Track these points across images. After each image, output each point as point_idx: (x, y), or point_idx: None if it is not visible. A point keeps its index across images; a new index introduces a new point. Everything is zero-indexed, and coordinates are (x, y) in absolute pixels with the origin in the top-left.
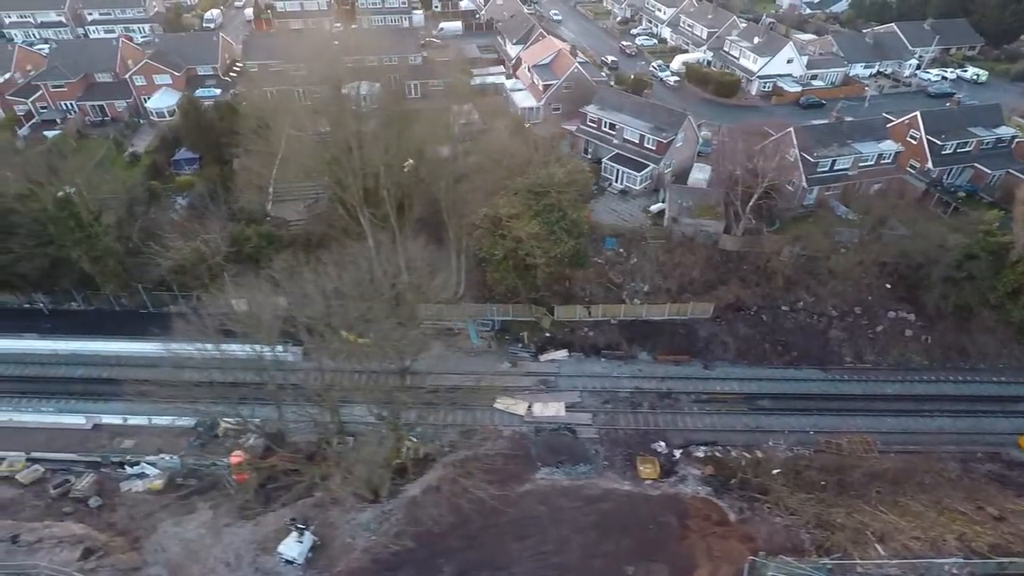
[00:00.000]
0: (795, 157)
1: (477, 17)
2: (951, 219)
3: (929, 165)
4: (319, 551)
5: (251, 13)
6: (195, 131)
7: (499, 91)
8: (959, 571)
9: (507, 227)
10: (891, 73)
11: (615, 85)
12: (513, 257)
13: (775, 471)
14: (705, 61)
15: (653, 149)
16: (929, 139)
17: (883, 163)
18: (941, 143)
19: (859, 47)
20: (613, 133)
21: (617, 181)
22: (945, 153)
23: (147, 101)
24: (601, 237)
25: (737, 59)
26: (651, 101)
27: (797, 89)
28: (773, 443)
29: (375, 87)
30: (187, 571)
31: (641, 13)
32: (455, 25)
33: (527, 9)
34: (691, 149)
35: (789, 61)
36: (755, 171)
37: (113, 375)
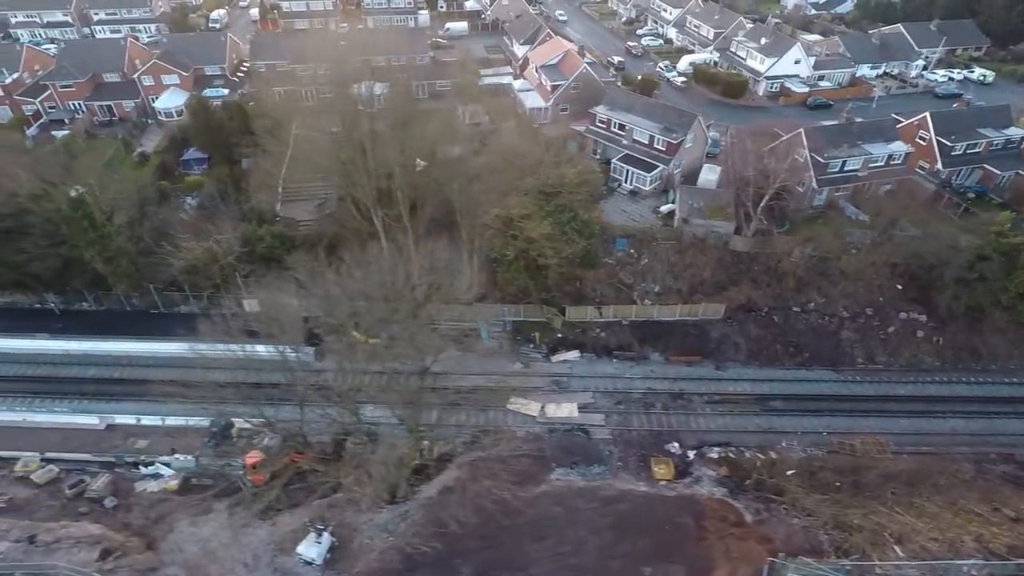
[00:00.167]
0: (805, 158)
1: (483, 17)
2: (961, 220)
3: (939, 166)
4: (337, 552)
5: (256, 13)
6: (204, 131)
7: (507, 92)
8: (978, 572)
9: (519, 227)
10: (898, 74)
11: (622, 86)
12: (525, 258)
13: (789, 472)
14: (712, 62)
15: (663, 150)
16: (939, 140)
17: (893, 164)
18: (951, 144)
19: (866, 48)
20: (622, 134)
21: (627, 182)
22: (955, 154)
23: (155, 101)
24: (612, 238)
25: (744, 60)
26: (660, 102)
27: (804, 90)
28: (786, 444)
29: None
30: (205, 571)
31: (646, 13)
32: (461, 25)
33: (532, 10)
34: (700, 150)
35: (796, 62)
36: (766, 172)
37: (125, 375)
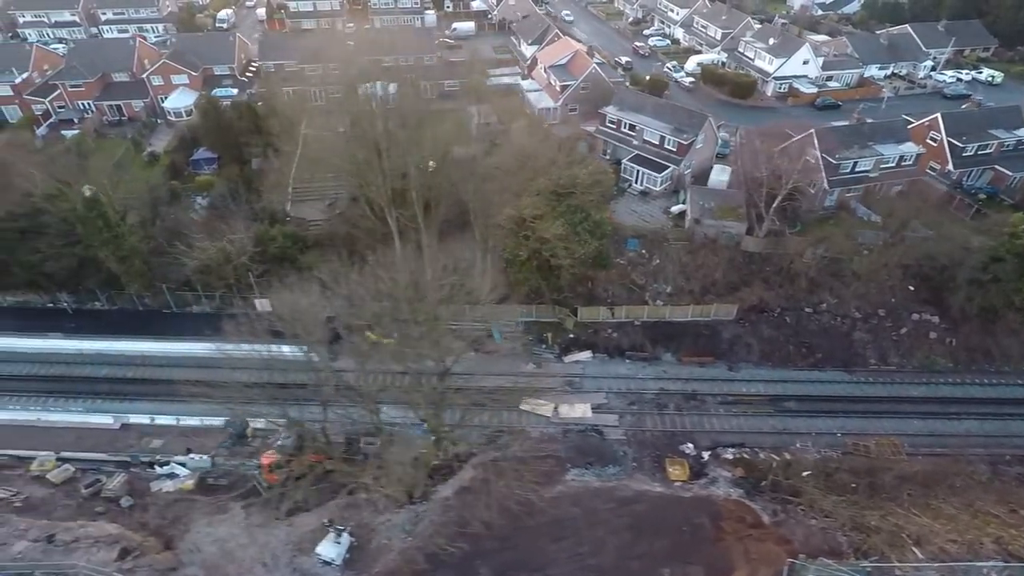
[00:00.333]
0: (817, 159)
1: (489, 17)
2: (973, 221)
3: (949, 167)
4: (356, 552)
5: (263, 13)
6: (214, 131)
7: (517, 92)
8: (999, 574)
9: (531, 228)
10: (906, 75)
11: (630, 86)
12: (537, 258)
13: (805, 473)
14: (719, 62)
15: (673, 150)
16: (950, 141)
17: (904, 165)
18: (962, 145)
19: (874, 48)
20: (633, 134)
21: (637, 182)
22: (966, 155)
23: (164, 101)
24: (623, 238)
25: (752, 60)
26: (671, 102)
27: (813, 90)
28: (801, 445)
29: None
30: (223, 571)
31: (653, 14)
32: (468, 25)
33: (539, 10)
34: (710, 150)
35: (805, 62)
36: (778, 173)
37: (139, 375)
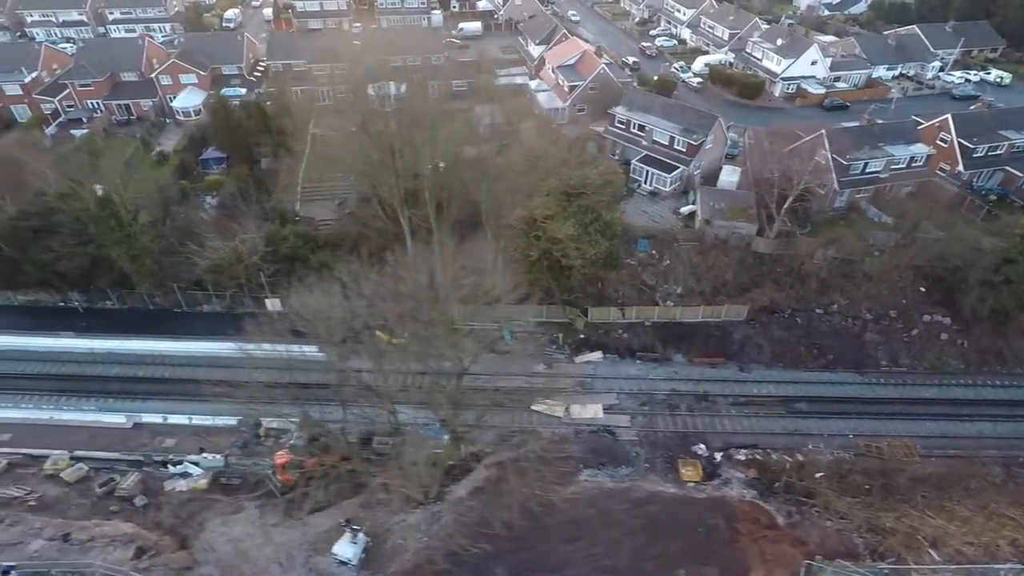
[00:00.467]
0: (827, 159)
1: (495, 17)
2: (984, 222)
3: (960, 168)
4: (371, 552)
5: (270, 13)
6: (224, 131)
7: (525, 92)
8: None
9: (542, 228)
10: (914, 75)
11: (638, 86)
12: (548, 258)
13: (818, 475)
14: (727, 62)
15: (683, 151)
16: (960, 142)
17: (915, 166)
18: (972, 146)
19: (881, 49)
20: (642, 135)
21: (646, 183)
22: (976, 156)
23: (173, 100)
24: (633, 239)
25: (760, 60)
26: (680, 103)
27: (821, 91)
28: (813, 446)
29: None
30: (238, 571)
31: (659, 14)
32: (475, 25)
33: (545, 10)
34: (720, 151)
35: (813, 63)
36: (788, 173)
37: (151, 374)
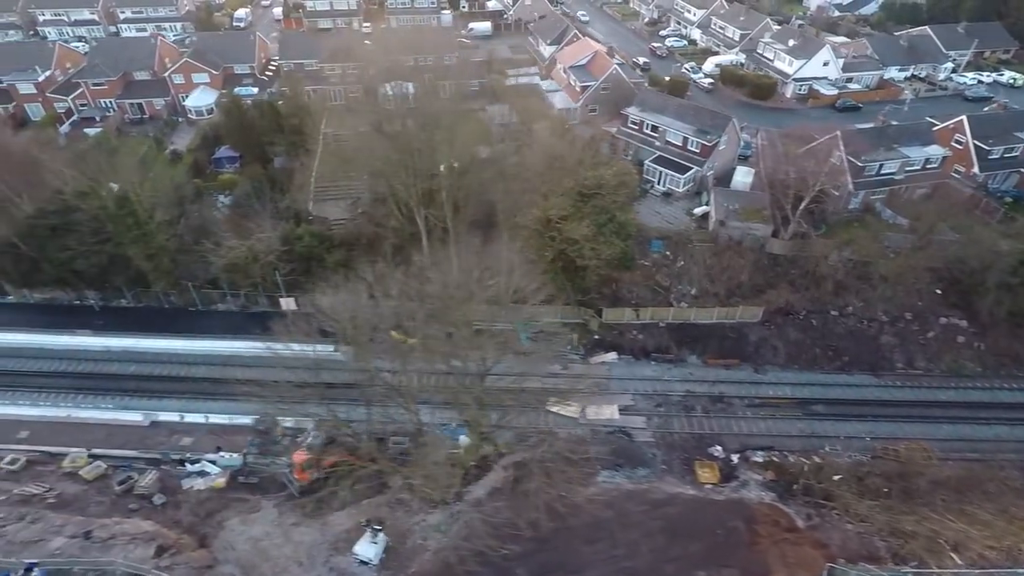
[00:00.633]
0: (842, 161)
1: (505, 17)
2: (1001, 225)
3: (975, 170)
4: (391, 552)
5: (280, 12)
6: (237, 130)
7: (539, 92)
8: None
9: (557, 229)
10: (926, 76)
11: (649, 87)
12: (563, 259)
13: (836, 477)
14: (738, 63)
15: (697, 152)
16: (976, 144)
17: (929, 168)
18: (988, 148)
19: (893, 50)
20: (655, 135)
21: (660, 183)
22: (992, 158)
23: (185, 99)
24: (647, 239)
25: (771, 61)
26: (693, 103)
27: (833, 92)
28: (830, 449)
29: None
30: (258, 570)
31: (669, 14)
32: (485, 25)
33: (554, 10)
34: (733, 152)
35: (825, 64)
36: (804, 175)
37: (167, 372)
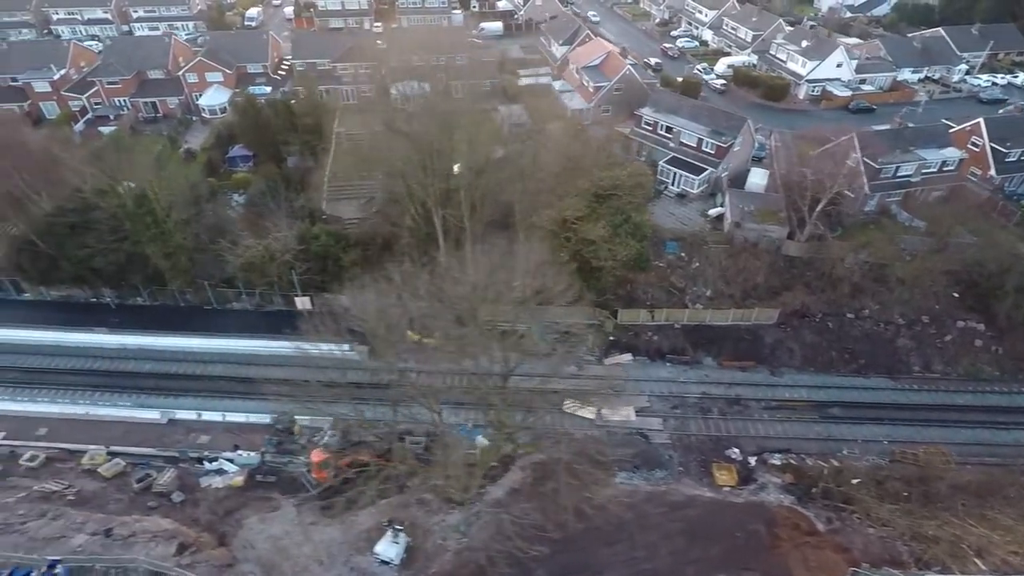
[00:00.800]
0: (858, 163)
1: (515, 17)
2: (1018, 228)
3: (992, 172)
4: (412, 552)
5: (291, 12)
6: (251, 129)
7: (553, 93)
8: None
9: (572, 229)
10: (939, 78)
11: (661, 87)
12: (578, 260)
13: (855, 481)
14: (750, 64)
15: (712, 153)
16: (993, 146)
17: (946, 170)
18: (1005, 151)
19: (907, 51)
20: (669, 136)
21: (674, 184)
22: (1009, 161)
23: (199, 98)
24: (662, 240)
25: (784, 62)
26: (708, 104)
27: (847, 93)
28: (848, 452)
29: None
30: (279, 569)
31: (680, 15)
32: (496, 25)
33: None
34: (747, 153)
35: (838, 65)
36: (820, 176)
37: (184, 371)
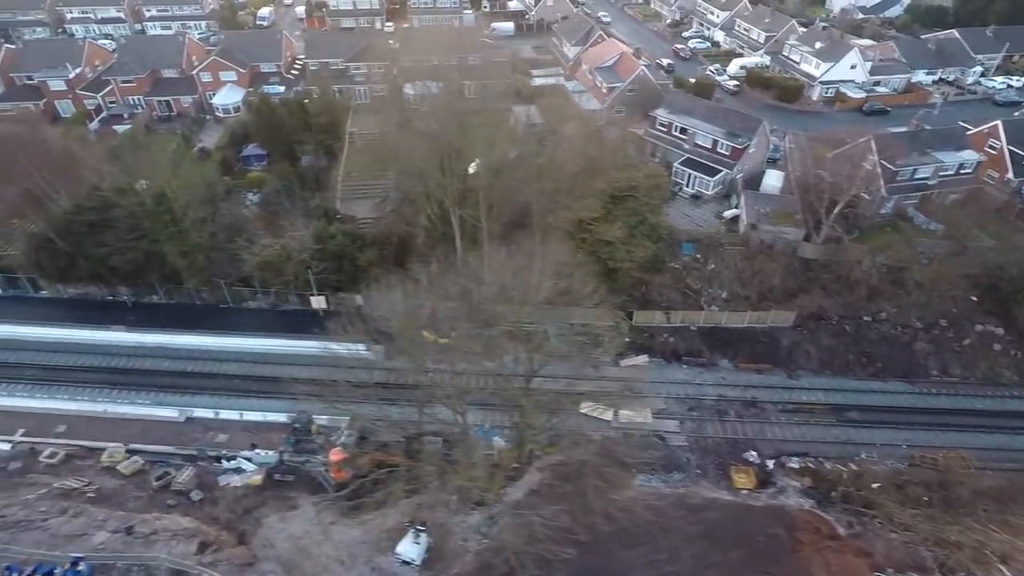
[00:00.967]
0: (875, 165)
1: (527, 18)
2: None
3: (1009, 175)
4: (433, 553)
5: (302, 11)
6: (266, 128)
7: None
8: None
9: (589, 230)
10: (954, 80)
11: (674, 88)
12: (596, 261)
13: (875, 485)
14: (763, 65)
15: (727, 154)
16: (1011, 149)
17: (963, 173)
18: (1023, 153)
19: (921, 53)
20: (684, 137)
21: (688, 186)
22: None
23: (213, 97)
24: (677, 242)
25: (797, 64)
26: (723, 106)
27: (861, 95)
28: (866, 456)
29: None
30: (299, 568)
31: (691, 16)
32: (507, 26)
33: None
34: (762, 155)
35: (853, 67)
36: (837, 179)
37: (201, 369)
